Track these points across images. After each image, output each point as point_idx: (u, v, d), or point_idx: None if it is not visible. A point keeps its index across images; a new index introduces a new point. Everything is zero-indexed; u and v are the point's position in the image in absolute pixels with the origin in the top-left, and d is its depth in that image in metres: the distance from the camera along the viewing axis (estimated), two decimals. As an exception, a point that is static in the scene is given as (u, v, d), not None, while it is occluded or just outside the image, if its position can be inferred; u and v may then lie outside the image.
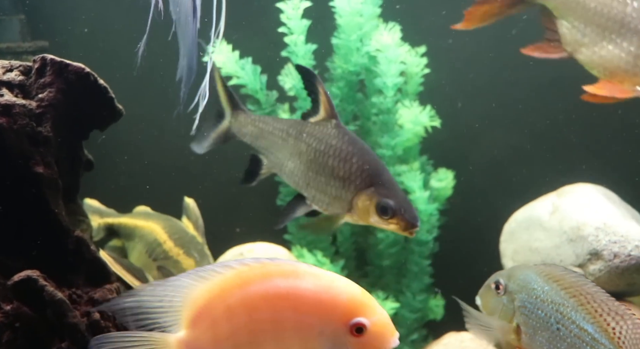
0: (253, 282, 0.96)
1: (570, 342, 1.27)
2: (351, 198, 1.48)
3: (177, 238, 1.91)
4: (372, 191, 1.45)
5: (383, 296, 2.36)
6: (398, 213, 1.42)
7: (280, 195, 2.59)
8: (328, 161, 1.53)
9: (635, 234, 1.86)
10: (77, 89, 1.58)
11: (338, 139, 1.55)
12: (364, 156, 1.51)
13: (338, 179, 1.50)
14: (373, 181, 1.47)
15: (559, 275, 1.33)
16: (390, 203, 1.42)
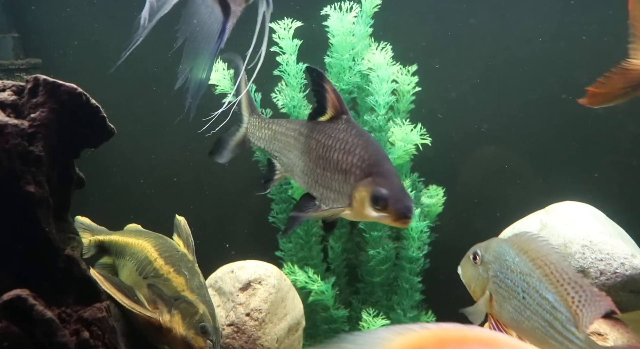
0: (449, 344, 0.95)
1: (533, 310, 1.39)
2: (351, 191, 1.42)
3: (167, 256, 1.90)
4: (369, 181, 1.38)
5: (373, 313, 2.36)
6: (390, 202, 1.33)
7: (272, 212, 2.59)
8: (333, 154, 1.50)
9: (620, 252, 1.88)
10: (69, 109, 1.59)
11: (346, 132, 1.52)
12: (367, 147, 1.45)
13: (341, 172, 1.45)
14: (372, 171, 1.40)
15: (529, 246, 1.45)
16: (383, 192, 1.34)
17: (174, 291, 1.79)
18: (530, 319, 1.39)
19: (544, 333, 1.38)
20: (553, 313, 1.38)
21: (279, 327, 2.11)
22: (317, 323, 2.49)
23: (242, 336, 2.03)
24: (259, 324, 2.04)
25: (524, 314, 1.39)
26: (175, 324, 1.73)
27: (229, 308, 2.09)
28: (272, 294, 2.11)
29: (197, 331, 1.71)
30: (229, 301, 2.11)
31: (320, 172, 1.52)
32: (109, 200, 2.71)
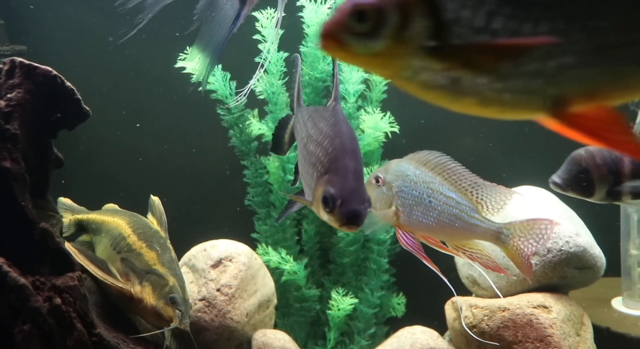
0: None
1: (441, 209, 1.55)
2: (315, 188, 1.27)
3: (140, 233, 2.01)
4: (325, 179, 1.23)
5: (343, 293, 2.47)
6: (336, 205, 1.17)
7: (248, 195, 2.70)
8: (310, 146, 1.36)
9: (566, 231, 1.99)
10: (44, 91, 1.69)
11: (326, 121, 1.37)
12: (334, 139, 1.29)
13: (311, 166, 1.32)
14: (330, 167, 1.25)
15: (426, 159, 1.60)
16: (331, 192, 1.18)
17: (146, 264, 1.90)
18: (439, 217, 1.56)
19: (453, 225, 1.56)
20: (458, 207, 1.56)
21: (249, 302, 2.22)
22: (290, 302, 2.60)
23: (212, 310, 2.14)
24: (228, 299, 2.15)
25: (433, 215, 1.55)
26: (146, 295, 1.83)
27: (201, 284, 2.19)
28: (242, 271, 2.22)
29: (167, 301, 1.82)
30: (201, 277, 2.21)
31: (304, 164, 1.39)
32: (90, 182, 2.81)
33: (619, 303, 2.30)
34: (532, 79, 0.69)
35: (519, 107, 0.73)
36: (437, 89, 0.72)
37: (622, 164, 1.57)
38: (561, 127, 0.72)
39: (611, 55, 0.69)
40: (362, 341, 2.53)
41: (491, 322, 1.99)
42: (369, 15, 0.70)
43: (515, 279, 2.07)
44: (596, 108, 0.72)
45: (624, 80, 0.70)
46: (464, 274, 2.29)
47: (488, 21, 0.68)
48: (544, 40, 0.67)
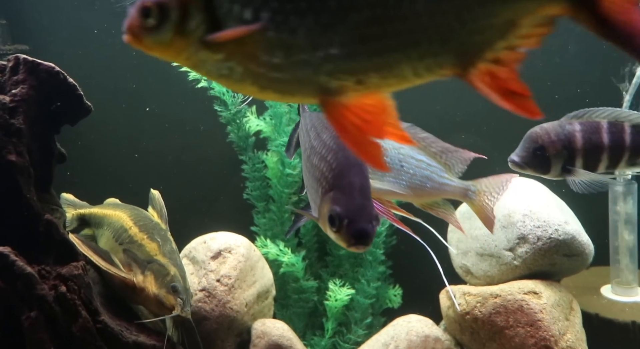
0: None
1: (413, 172, 1.64)
2: (320, 203, 1.24)
3: (141, 225, 2.06)
4: (329, 196, 1.20)
5: (340, 283, 2.53)
6: (343, 224, 1.14)
7: (247, 189, 2.75)
8: (314, 159, 1.32)
9: (555, 220, 2.05)
10: (48, 86, 1.75)
11: (328, 133, 1.33)
12: (337, 153, 1.26)
13: (315, 180, 1.28)
14: (335, 183, 1.22)
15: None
16: (337, 211, 1.14)
17: (147, 255, 1.96)
18: (411, 180, 1.63)
19: (424, 186, 1.64)
20: (429, 169, 1.66)
21: (248, 293, 2.28)
22: (288, 293, 2.66)
23: (212, 300, 2.20)
24: (228, 289, 2.21)
25: (405, 179, 1.62)
26: (148, 284, 1.89)
27: (201, 275, 2.25)
28: (241, 262, 2.27)
29: (169, 290, 1.87)
30: (201, 268, 2.27)
31: (307, 176, 1.35)
32: (92, 177, 2.87)
33: (608, 290, 2.36)
34: (302, 69, 0.75)
35: (295, 94, 0.79)
36: (221, 77, 0.79)
37: (574, 138, 1.64)
38: (328, 116, 0.78)
39: (373, 46, 0.74)
40: (359, 331, 2.59)
41: (484, 308, 2.05)
42: (153, 12, 0.77)
43: (507, 267, 2.13)
44: (367, 97, 0.77)
45: (388, 69, 0.76)
46: (458, 264, 2.35)
47: (255, 15, 0.74)
48: (250, 28, 0.73)
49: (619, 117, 1.63)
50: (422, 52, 0.75)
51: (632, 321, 2.10)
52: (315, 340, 2.61)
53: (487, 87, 0.76)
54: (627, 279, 2.29)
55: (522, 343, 1.96)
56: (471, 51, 0.75)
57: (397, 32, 0.74)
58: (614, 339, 2.11)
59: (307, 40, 0.74)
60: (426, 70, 0.77)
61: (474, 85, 0.76)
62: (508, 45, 0.76)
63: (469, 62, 0.76)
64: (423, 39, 0.74)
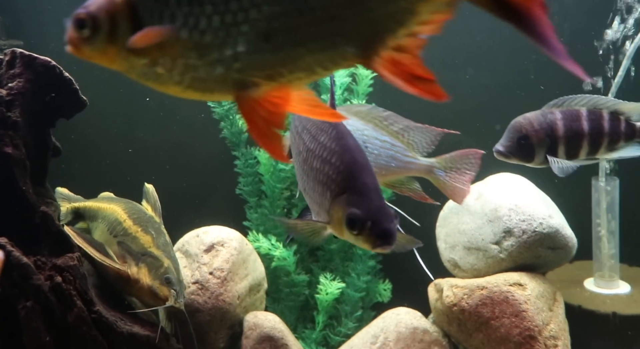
0: None
1: (378, 153, 1.69)
2: (329, 207, 1.22)
3: (135, 218, 2.10)
4: (343, 199, 1.19)
5: (331, 277, 2.57)
6: (365, 226, 1.14)
7: (239, 185, 2.79)
8: (314, 162, 1.30)
9: (539, 213, 2.11)
10: (44, 80, 1.77)
11: (326, 135, 1.31)
12: (343, 155, 1.24)
13: (319, 184, 1.26)
14: (347, 186, 1.21)
15: (357, 110, 1.75)
16: (357, 214, 1.15)
17: (141, 247, 1.99)
18: (376, 160, 1.68)
19: (389, 165, 1.70)
20: (393, 149, 1.72)
21: (240, 286, 2.32)
22: (280, 287, 2.70)
23: (205, 293, 2.24)
24: (221, 282, 2.25)
25: (370, 159, 1.67)
26: (142, 275, 1.92)
27: (194, 268, 2.29)
28: (234, 255, 2.31)
29: (162, 281, 1.91)
30: (194, 262, 2.31)
31: (306, 179, 1.33)
32: (86, 172, 2.89)
33: (590, 283, 2.42)
34: (216, 68, 0.81)
35: (213, 92, 0.85)
36: (148, 80, 0.86)
37: (556, 126, 1.70)
38: (241, 110, 0.84)
39: (276, 42, 0.80)
40: (350, 324, 2.64)
41: (470, 300, 2.11)
42: (86, 23, 0.85)
43: (493, 260, 2.19)
44: (276, 90, 0.83)
45: (294, 63, 0.81)
46: (446, 258, 2.40)
47: (172, 21, 0.81)
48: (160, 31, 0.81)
49: (596, 105, 1.69)
50: (323, 44, 0.79)
51: (612, 312, 2.17)
52: (306, 333, 2.66)
53: (392, 74, 0.80)
54: (609, 273, 2.36)
55: (507, 333, 2.01)
56: (372, 40, 0.79)
57: (297, 27, 0.78)
58: (595, 329, 2.17)
59: (216, 41, 0.80)
60: (331, 62, 0.81)
61: (379, 73, 0.80)
62: (409, 32, 0.79)
63: (372, 51, 0.79)
64: (321, 32, 0.79)
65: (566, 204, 2.34)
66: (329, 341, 2.65)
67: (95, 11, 0.85)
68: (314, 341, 2.62)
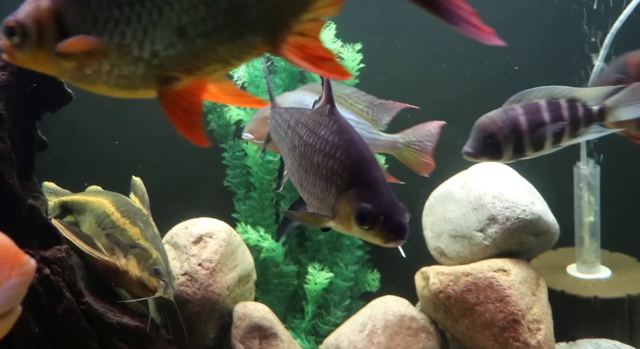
0: None
1: None
2: (333, 203, 1.19)
3: (124, 210, 2.10)
4: (352, 194, 1.16)
5: (319, 268, 2.60)
6: (378, 221, 1.11)
7: (227, 177, 2.80)
8: (314, 156, 1.25)
9: (523, 201, 2.15)
10: (28, 73, 1.77)
11: (327, 129, 1.26)
12: (349, 149, 1.20)
13: (322, 179, 1.22)
14: (355, 180, 1.17)
15: (319, 88, 1.77)
16: (369, 209, 1.12)
17: (130, 239, 2.00)
18: None
19: None
20: (358, 126, 1.77)
21: (229, 276, 2.34)
22: (269, 278, 2.73)
23: (194, 284, 2.25)
24: (210, 273, 2.27)
25: None
26: (131, 267, 1.93)
27: (183, 260, 2.30)
28: (222, 246, 2.33)
29: (151, 273, 1.92)
30: (183, 253, 2.32)
31: (304, 174, 1.28)
32: (73, 165, 2.89)
33: (573, 269, 2.48)
34: (138, 67, 0.87)
35: (138, 89, 0.91)
36: (79, 81, 0.92)
37: (519, 122, 1.75)
38: (163, 104, 0.89)
39: (188, 36, 0.85)
40: (338, 313, 2.67)
41: (456, 286, 2.15)
42: (16, 31, 0.90)
43: (478, 247, 2.23)
44: (195, 82, 0.89)
45: (207, 56, 0.86)
46: (432, 246, 2.44)
47: (93, 26, 0.87)
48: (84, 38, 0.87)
49: (553, 95, 1.74)
50: (232, 36, 0.85)
51: (594, 296, 2.23)
52: (295, 323, 2.69)
53: (299, 58, 0.84)
54: (591, 258, 2.42)
55: (492, 317, 2.06)
56: (277, 28, 0.83)
57: (205, 21, 0.83)
58: (578, 313, 2.23)
59: (134, 41, 0.86)
60: (242, 52, 0.87)
61: (288, 59, 0.85)
62: (311, 16, 0.84)
63: (278, 38, 0.84)
64: (229, 23, 0.84)
65: (549, 191, 2.39)
66: (318, 331, 2.69)
67: (23, 19, 0.89)
68: (303, 331, 2.65)
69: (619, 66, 1.91)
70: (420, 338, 2.29)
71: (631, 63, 1.88)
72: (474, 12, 0.74)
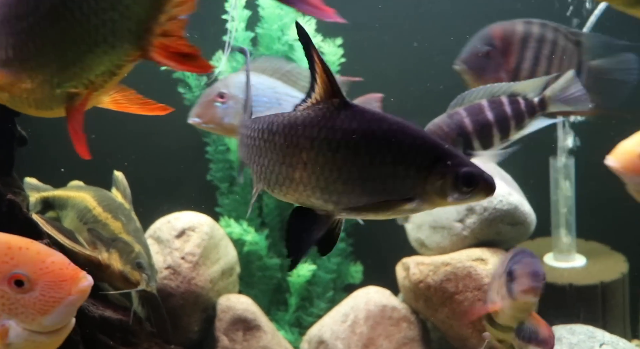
0: None
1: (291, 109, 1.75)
2: (412, 184, 1.15)
3: (105, 205, 2.11)
4: (442, 166, 1.14)
5: (303, 260, 2.63)
6: (480, 179, 1.15)
7: (210, 171, 2.81)
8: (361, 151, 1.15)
9: (499, 191, 2.21)
10: (7, 68, 1.76)
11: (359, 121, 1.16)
12: (405, 129, 1.17)
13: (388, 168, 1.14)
14: (436, 154, 1.15)
15: (263, 67, 1.84)
16: (471, 170, 1.15)
17: (112, 233, 2.01)
18: None
19: None
20: None
21: (212, 270, 2.36)
22: (253, 272, 2.75)
23: (178, 277, 2.27)
24: (192, 266, 2.28)
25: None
26: (113, 261, 1.94)
27: (166, 253, 2.32)
28: (205, 240, 2.35)
29: (134, 266, 1.93)
30: (166, 247, 2.33)
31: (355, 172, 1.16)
32: (55, 161, 2.87)
33: (550, 258, 2.54)
34: (45, 88, 0.98)
35: (53, 108, 1.02)
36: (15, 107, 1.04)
37: (464, 124, 1.79)
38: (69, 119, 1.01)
39: (70, 53, 0.95)
40: (322, 304, 2.71)
41: (436, 276, 2.20)
42: None
43: (457, 238, 2.28)
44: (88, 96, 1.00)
45: (92, 68, 0.96)
46: (413, 237, 2.48)
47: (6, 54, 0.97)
48: None
49: (493, 93, 1.79)
50: (106, 48, 0.93)
51: (569, 284, 2.29)
52: (279, 315, 2.71)
53: (165, 58, 0.92)
54: (566, 247, 2.48)
55: (471, 306, 2.11)
56: (141, 33, 0.91)
57: (80, 37, 0.92)
58: (554, 301, 2.29)
59: (36, 65, 0.94)
60: (120, 61, 0.96)
61: (155, 60, 0.93)
62: (169, 16, 0.91)
63: (145, 42, 0.91)
64: (99, 37, 0.92)
65: (525, 182, 2.44)
66: (302, 322, 2.72)
67: None
68: (287, 323, 2.69)
69: (484, 39, 1.96)
70: (401, 327, 2.33)
71: (495, 35, 1.93)
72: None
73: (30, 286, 1.05)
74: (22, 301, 1.05)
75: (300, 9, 0.80)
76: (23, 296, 1.05)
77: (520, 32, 1.95)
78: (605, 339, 1.97)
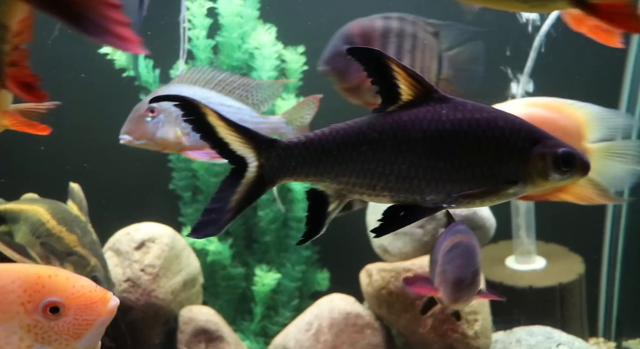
0: None
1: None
2: (516, 167, 1.20)
3: (60, 218, 2.05)
4: (541, 147, 1.20)
5: (267, 269, 2.61)
6: (577, 158, 1.20)
7: (173, 180, 2.78)
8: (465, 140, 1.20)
9: (457, 197, 2.24)
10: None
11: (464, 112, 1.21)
12: (504, 114, 1.23)
13: (489, 152, 1.20)
14: (535, 136, 1.22)
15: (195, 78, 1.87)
16: (568, 150, 1.21)
17: (67, 247, 1.95)
18: None
19: None
20: (240, 112, 1.83)
21: (174, 281, 2.32)
22: (217, 282, 2.72)
23: (137, 290, 2.22)
24: (153, 278, 2.24)
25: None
26: (67, 275, 1.89)
27: (126, 266, 2.27)
28: (165, 251, 2.31)
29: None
30: (126, 259, 2.29)
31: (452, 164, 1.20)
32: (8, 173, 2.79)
33: (512, 261, 2.58)
34: None
35: None
36: None
37: None
38: None
39: None
40: (287, 313, 2.69)
41: (397, 282, 2.21)
42: None
43: (419, 243, 2.29)
44: None
45: None
46: (377, 244, 2.49)
47: None
48: None
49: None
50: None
51: (529, 286, 2.33)
52: (245, 325, 2.69)
53: (13, 86, 0.93)
54: (527, 250, 2.52)
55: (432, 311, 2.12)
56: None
57: None
58: (515, 303, 2.33)
59: None
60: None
61: (8, 89, 0.93)
62: (13, 46, 0.91)
63: (2, 76, 0.91)
64: None
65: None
66: (267, 332, 2.70)
67: None
68: (252, 332, 2.66)
69: (344, 38, 1.93)
70: (365, 334, 2.33)
71: (355, 33, 1.93)
72: (124, 22, 0.71)
73: (64, 312, 1.07)
74: (56, 328, 1.07)
75: (105, 41, 0.72)
76: (57, 322, 1.07)
77: (380, 27, 1.91)
78: (562, 340, 2.01)
